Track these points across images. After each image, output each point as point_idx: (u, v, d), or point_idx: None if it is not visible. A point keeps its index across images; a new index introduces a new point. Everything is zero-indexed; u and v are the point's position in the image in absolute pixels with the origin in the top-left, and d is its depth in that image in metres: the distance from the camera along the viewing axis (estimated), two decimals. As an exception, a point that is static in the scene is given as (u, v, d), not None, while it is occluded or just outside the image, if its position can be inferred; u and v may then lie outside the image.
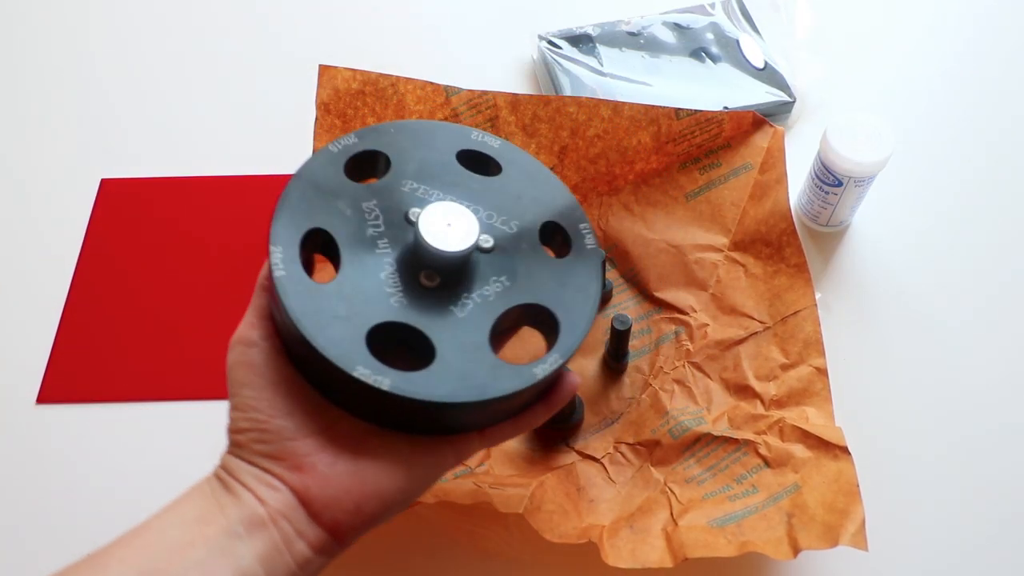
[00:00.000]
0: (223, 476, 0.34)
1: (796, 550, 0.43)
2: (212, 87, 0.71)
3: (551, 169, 0.59)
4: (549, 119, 0.58)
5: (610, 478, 0.52)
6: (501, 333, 0.38)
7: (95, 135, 0.68)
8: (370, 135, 0.40)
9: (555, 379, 0.38)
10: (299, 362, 0.35)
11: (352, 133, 0.40)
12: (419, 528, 0.50)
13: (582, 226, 0.40)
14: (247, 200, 0.64)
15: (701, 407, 0.54)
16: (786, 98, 0.66)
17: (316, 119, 0.56)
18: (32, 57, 0.73)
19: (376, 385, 0.32)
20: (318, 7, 0.76)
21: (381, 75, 0.57)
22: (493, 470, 0.52)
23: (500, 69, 0.71)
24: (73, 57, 0.73)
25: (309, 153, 0.62)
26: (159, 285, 0.60)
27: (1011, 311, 0.59)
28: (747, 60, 0.68)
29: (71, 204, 0.64)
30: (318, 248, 0.37)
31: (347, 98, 0.57)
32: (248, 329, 0.36)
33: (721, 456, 0.51)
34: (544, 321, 0.37)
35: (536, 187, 0.41)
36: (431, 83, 0.57)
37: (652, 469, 0.51)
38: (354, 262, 0.36)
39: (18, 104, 0.71)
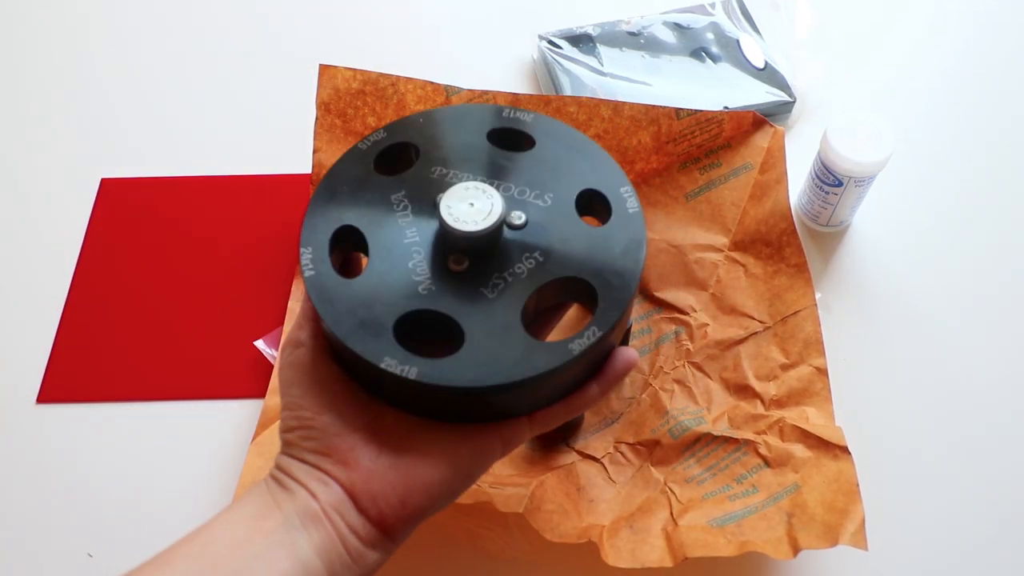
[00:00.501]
0: (277, 475, 0.34)
1: (796, 550, 0.43)
2: (212, 87, 0.71)
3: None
4: (549, 119, 0.58)
5: (610, 478, 0.52)
6: (541, 313, 0.37)
7: (95, 135, 0.68)
8: (399, 128, 0.40)
9: (605, 354, 0.37)
10: (341, 360, 0.35)
11: (381, 128, 0.39)
12: (419, 527, 0.50)
13: (623, 189, 0.38)
14: (247, 200, 0.64)
15: (701, 407, 0.54)
16: (786, 98, 0.66)
17: (316, 119, 0.56)
18: (32, 57, 0.73)
19: (404, 375, 0.32)
20: (318, 7, 0.76)
21: (381, 75, 0.57)
22: (493, 470, 0.52)
23: (500, 69, 0.71)
24: (73, 57, 0.73)
25: (309, 153, 0.62)
26: (159, 285, 0.60)
27: (1011, 311, 0.59)
28: (747, 60, 0.68)
29: (71, 204, 0.64)
30: (350, 245, 0.37)
31: (347, 98, 0.57)
32: (296, 331, 0.36)
33: (721, 456, 0.51)
34: (583, 294, 0.36)
35: (572, 156, 0.39)
36: (431, 83, 0.57)
37: (652, 469, 0.51)
38: (382, 254, 0.36)
39: (18, 104, 0.71)
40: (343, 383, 0.35)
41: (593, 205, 0.38)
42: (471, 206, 0.34)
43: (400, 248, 0.36)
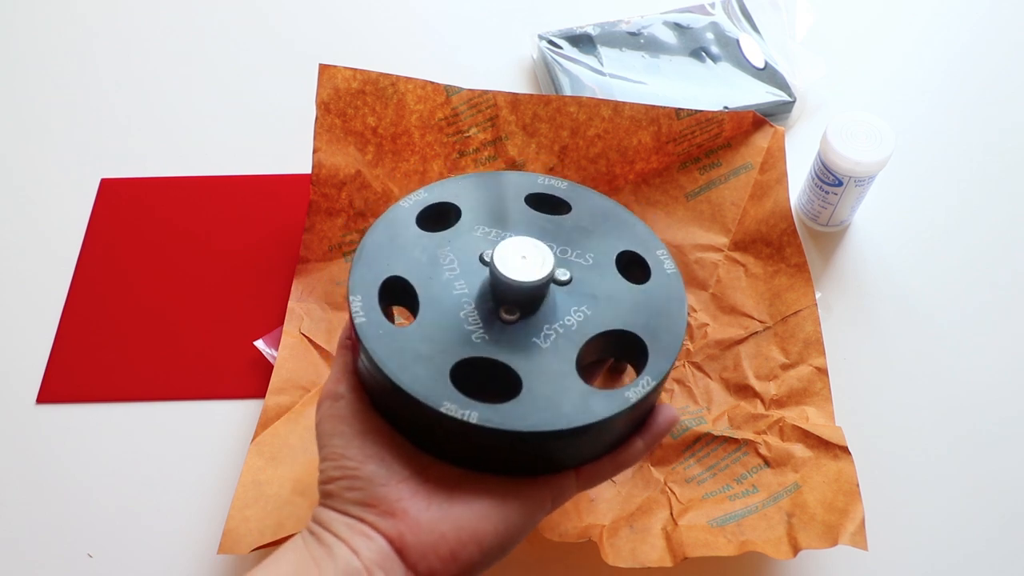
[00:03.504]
0: (316, 530, 0.33)
1: (796, 550, 0.44)
2: (212, 87, 0.71)
3: (550, 169, 0.60)
4: (549, 119, 0.58)
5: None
6: (589, 365, 0.38)
7: (95, 135, 0.68)
8: (439, 188, 0.41)
9: (648, 409, 0.37)
10: (387, 410, 0.35)
11: (422, 188, 0.41)
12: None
13: (659, 252, 0.40)
14: (247, 200, 0.64)
15: (701, 407, 0.54)
16: (786, 98, 0.66)
17: (316, 119, 0.56)
18: (32, 57, 0.73)
19: (465, 419, 0.32)
20: (318, 7, 0.76)
21: (381, 74, 0.57)
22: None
23: (500, 69, 0.71)
24: (73, 57, 0.73)
25: (309, 153, 0.62)
26: (159, 285, 0.60)
27: (1011, 311, 0.59)
28: (747, 60, 0.68)
29: (71, 204, 0.64)
30: (396, 297, 0.38)
31: (347, 97, 0.57)
32: (334, 384, 0.36)
33: (721, 456, 0.51)
34: (632, 348, 0.37)
35: (607, 221, 0.41)
36: (431, 82, 0.57)
37: (652, 469, 0.51)
38: (433, 304, 0.36)
39: (18, 104, 0.71)
40: (387, 434, 0.35)
41: (632, 266, 0.40)
42: (523, 259, 0.35)
43: (450, 299, 0.37)
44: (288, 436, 0.50)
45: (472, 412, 0.32)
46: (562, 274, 0.38)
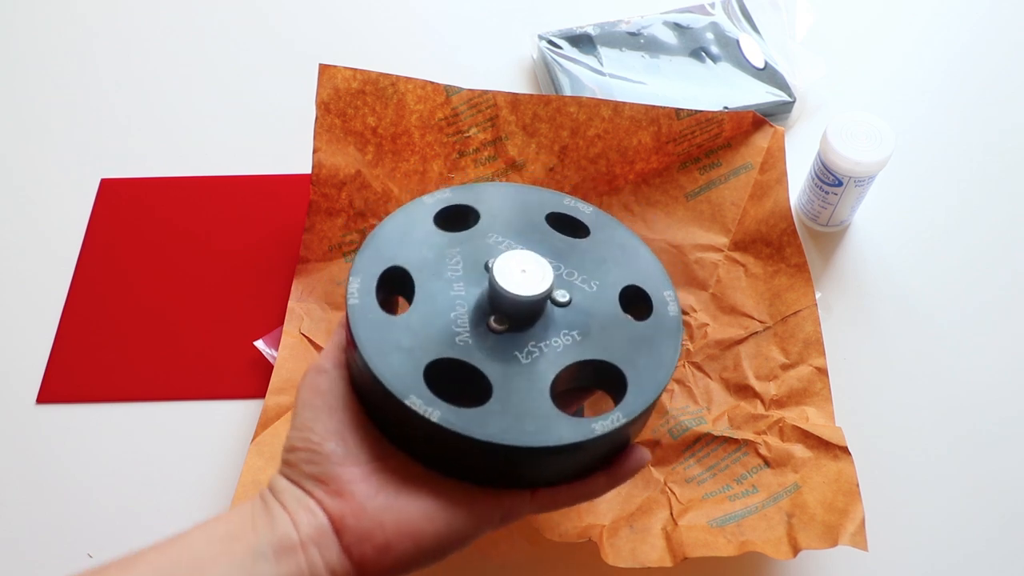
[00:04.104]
0: (266, 496, 0.33)
1: (796, 550, 0.44)
2: (212, 87, 0.71)
3: (550, 169, 0.60)
4: (549, 119, 0.58)
5: (610, 478, 0.52)
6: (568, 392, 0.37)
7: (95, 135, 0.68)
8: (464, 191, 0.41)
9: (620, 447, 0.37)
10: (361, 394, 0.36)
11: (447, 188, 0.41)
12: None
13: (667, 293, 0.39)
14: (247, 200, 0.64)
15: (701, 407, 0.54)
16: (786, 98, 0.66)
17: (316, 118, 0.56)
18: (32, 57, 0.73)
19: (426, 415, 0.32)
20: (318, 7, 0.76)
21: (381, 74, 0.57)
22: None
23: (500, 69, 0.71)
24: (73, 57, 0.73)
25: (309, 153, 0.62)
26: (159, 285, 0.60)
27: (1011, 311, 0.59)
28: (747, 60, 0.68)
29: (71, 204, 0.64)
30: (395, 287, 0.38)
31: (347, 97, 0.57)
32: (323, 358, 0.36)
33: (721, 456, 0.51)
34: (612, 381, 0.37)
35: (623, 252, 0.41)
36: (431, 82, 0.57)
37: (652, 469, 0.51)
38: (427, 300, 0.36)
39: (18, 104, 0.71)
40: (357, 416, 0.35)
41: (635, 302, 0.40)
42: (523, 272, 0.35)
43: (445, 299, 0.37)
44: (288, 436, 0.50)
45: (435, 411, 0.32)
46: (561, 295, 0.38)
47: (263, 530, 0.32)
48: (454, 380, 0.35)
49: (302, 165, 0.65)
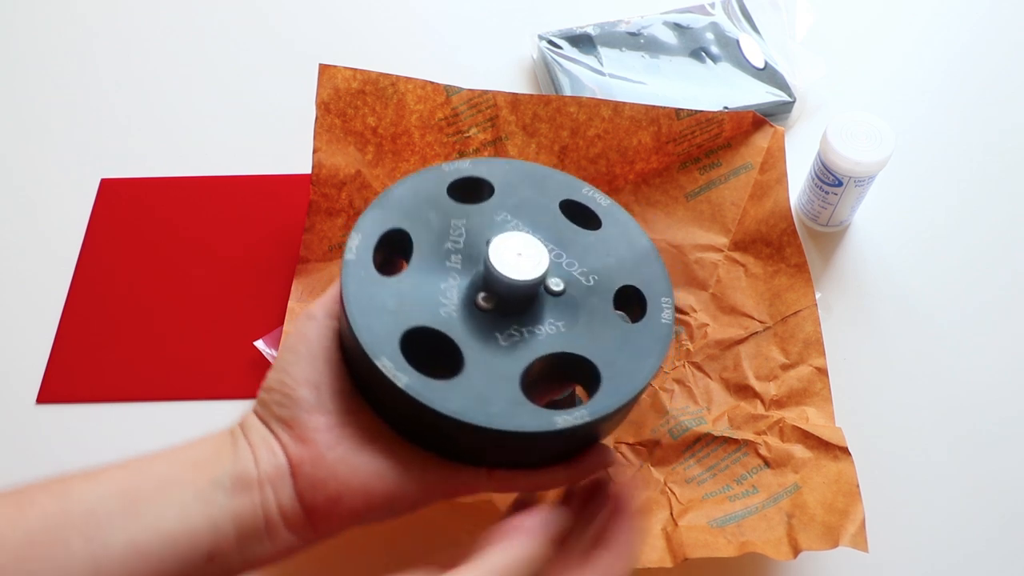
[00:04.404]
0: (235, 430, 0.35)
1: (796, 551, 0.44)
2: (212, 87, 0.71)
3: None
4: (549, 119, 0.58)
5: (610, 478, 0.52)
6: (542, 380, 0.37)
7: (95, 135, 0.68)
8: (483, 164, 0.41)
9: (586, 443, 0.37)
10: (345, 347, 0.36)
11: (467, 159, 0.41)
12: (418, 527, 0.50)
13: (664, 300, 0.39)
14: (247, 200, 0.64)
15: (701, 407, 0.54)
16: (786, 98, 0.66)
17: (316, 119, 0.56)
18: (32, 57, 0.73)
19: (392, 379, 0.32)
20: (318, 7, 0.76)
21: (381, 74, 0.57)
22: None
23: (500, 69, 0.71)
24: (73, 57, 0.73)
25: (309, 153, 0.62)
26: (159, 285, 0.60)
27: (1011, 311, 0.59)
28: (747, 60, 0.68)
29: (71, 204, 0.64)
30: (397, 249, 0.38)
31: (347, 97, 0.57)
32: (315, 306, 0.37)
33: (721, 456, 0.51)
34: (588, 377, 0.36)
35: (630, 251, 0.40)
36: (431, 82, 0.57)
37: (652, 469, 0.51)
38: (421, 267, 0.36)
39: (18, 104, 0.71)
40: (336, 368, 0.35)
41: (630, 302, 0.39)
42: (519, 256, 0.35)
43: (440, 269, 0.37)
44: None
45: (403, 377, 0.33)
46: (555, 284, 0.37)
47: (226, 461, 0.33)
48: (432, 351, 0.34)
49: (302, 165, 0.65)
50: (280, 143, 0.67)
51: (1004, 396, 0.55)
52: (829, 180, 0.57)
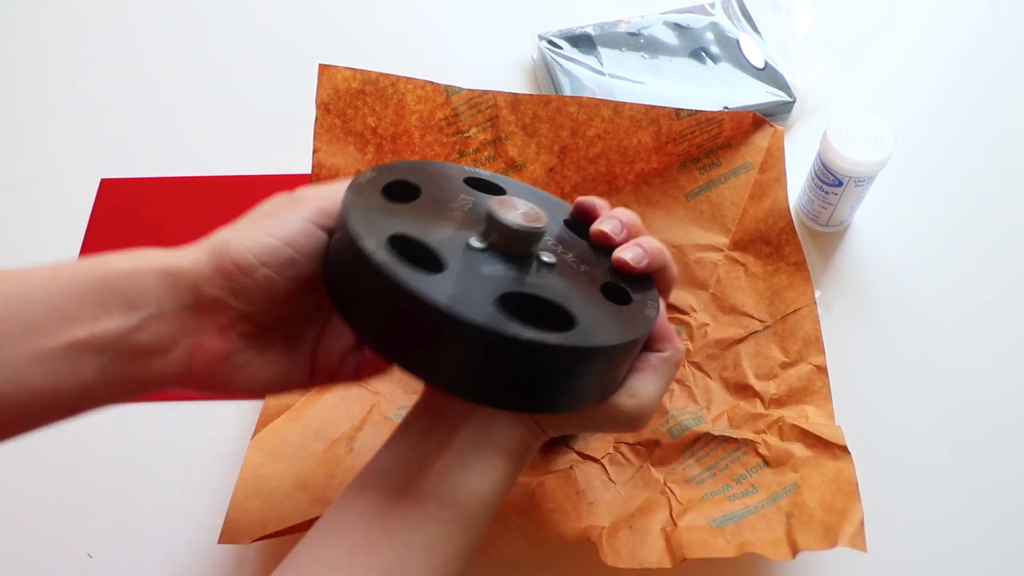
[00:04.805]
0: (204, 244, 0.39)
1: (795, 551, 0.43)
2: (212, 87, 0.71)
3: (550, 170, 0.60)
4: (549, 119, 0.58)
5: (610, 479, 0.52)
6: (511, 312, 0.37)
7: (95, 135, 0.68)
8: (498, 177, 0.44)
9: (534, 382, 0.35)
10: (329, 254, 0.36)
11: (487, 171, 0.44)
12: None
13: (651, 302, 0.39)
14: (247, 200, 0.64)
15: (701, 406, 0.54)
16: (786, 98, 0.66)
17: (316, 119, 0.56)
18: (32, 57, 0.73)
19: (370, 253, 0.32)
20: (318, 7, 0.76)
21: (381, 74, 0.57)
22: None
23: (500, 69, 0.71)
24: (73, 57, 0.73)
25: (309, 153, 0.62)
26: (159, 285, 0.60)
27: (1011, 311, 0.59)
28: (747, 60, 0.68)
29: (71, 204, 0.64)
30: (402, 196, 0.39)
31: (347, 98, 0.57)
32: (317, 191, 0.38)
33: (721, 456, 0.51)
34: (563, 328, 0.35)
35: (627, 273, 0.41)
36: (431, 83, 0.57)
37: (652, 469, 0.51)
38: (424, 208, 0.38)
39: (18, 104, 0.71)
40: (315, 244, 0.36)
41: (615, 293, 0.39)
42: (520, 213, 0.36)
43: (442, 216, 0.37)
44: (288, 433, 0.50)
45: (380, 254, 0.32)
46: (547, 256, 0.37)
47: (172, 255, 0.39)
48: (414, 260, 0.34)
49: (302, 165, 0.65)
50: (280, 143, 0.67)
51: (1004, 396, 0.55)
52: (829, 180, 0.57)
